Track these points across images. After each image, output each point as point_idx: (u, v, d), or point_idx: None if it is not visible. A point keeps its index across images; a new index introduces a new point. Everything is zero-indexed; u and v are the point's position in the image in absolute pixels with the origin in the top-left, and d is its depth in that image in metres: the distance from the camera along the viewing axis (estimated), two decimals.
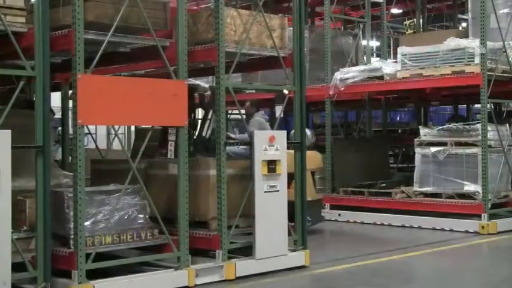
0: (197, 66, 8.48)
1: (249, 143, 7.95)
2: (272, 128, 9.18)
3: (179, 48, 7.36)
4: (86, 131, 7.28)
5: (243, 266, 7.71)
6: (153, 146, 8.73)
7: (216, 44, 7.67)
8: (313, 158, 11.01)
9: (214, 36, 7.72)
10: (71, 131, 7.68)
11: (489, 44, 11.19)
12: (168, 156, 8.70)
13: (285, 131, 8.25)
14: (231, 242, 7.87)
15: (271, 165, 7.90)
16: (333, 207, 12.91)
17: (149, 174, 8.36)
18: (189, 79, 7.68)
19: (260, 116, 10.30)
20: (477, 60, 11.11)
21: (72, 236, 6.64)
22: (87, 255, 6.56)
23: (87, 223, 6.78)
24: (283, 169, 8.01)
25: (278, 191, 7.98)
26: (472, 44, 11.27)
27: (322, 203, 11.94)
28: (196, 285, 7.26)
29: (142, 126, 9.28)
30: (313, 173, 11.20)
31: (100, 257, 6.84)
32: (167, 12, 7.52)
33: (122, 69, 9.09)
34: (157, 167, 8.52)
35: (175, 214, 7.41)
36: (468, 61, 11.27)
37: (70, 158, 8.89)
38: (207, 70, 8.77)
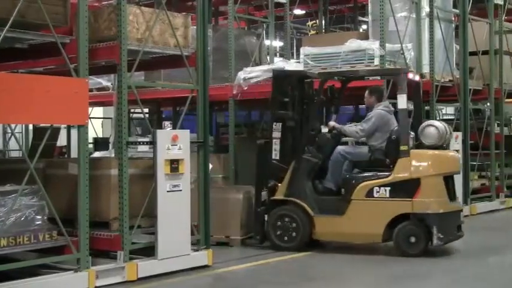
0: (99, 63, 8.32)
1: None
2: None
3: (80, 46, 7.18)
4: None
5: (145, 267, 7.63)
6: (52, 145, 8.52)
7: (118, 42, 7.56)
8: (446, 159, 9.31)
9: (116, 34, 7.60)
10: None
11: (388, 46, 11.53)
12: (273, 157, 9.43)
13: (188, 130, 8.18)
14: (133, 243, 7.77)
15: (174, 165, 7.84)
16: None
17: (48, 174, 8.14)
18: (91, 76, 7.52)
19: (382, 108, 9.36)
20: (377, 61, 11.38)
21: None
22: None
23: None
24: (186, 168, 7.97)
25: (181, 190, 7.94)
26: (372, 45, 11.54)
27: (461, 214, 9.41)
28: (96, 287, 7.12)
29: (41, 125, 9.04)
30: (447, 178, 9.05)
31: None
32: (67, 8, 7.33)
33: (19, 66, 8.78)
34: (57, 166, 8.32)
35: (75, 215, 7.24)
36: (368, 62, 11.53)
37: None
38: (109, 68, 8.61)
